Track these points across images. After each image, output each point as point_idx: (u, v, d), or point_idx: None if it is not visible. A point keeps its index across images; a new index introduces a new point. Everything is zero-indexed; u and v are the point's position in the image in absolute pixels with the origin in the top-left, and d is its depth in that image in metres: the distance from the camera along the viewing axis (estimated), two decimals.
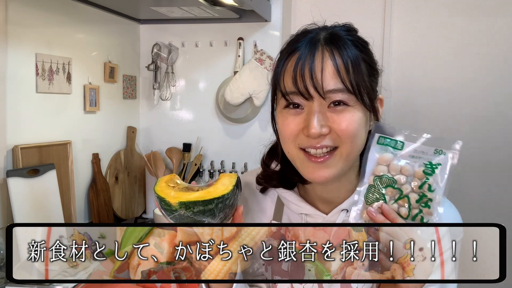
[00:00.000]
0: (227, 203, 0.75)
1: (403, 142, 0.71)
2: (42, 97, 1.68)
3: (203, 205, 0.73)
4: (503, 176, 1.98)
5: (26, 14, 1.60)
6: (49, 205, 1.63)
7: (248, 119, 2.19)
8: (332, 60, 0.77)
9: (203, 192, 0.74)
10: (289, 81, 0.79)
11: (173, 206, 0.73)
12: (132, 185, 2.23)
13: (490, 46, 1.97)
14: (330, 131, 0.78)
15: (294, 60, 0.79)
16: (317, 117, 0.77)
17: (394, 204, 0.70)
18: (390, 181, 0.70)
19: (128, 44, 2.23)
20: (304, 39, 0.81)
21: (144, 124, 2.36)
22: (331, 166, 0.79)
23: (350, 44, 0.80)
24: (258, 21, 2.14)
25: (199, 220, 0.73)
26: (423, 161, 0.70)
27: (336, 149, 0.79)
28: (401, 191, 0.70)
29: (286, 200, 0.93)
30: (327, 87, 0.76)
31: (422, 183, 0.69)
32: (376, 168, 0.71)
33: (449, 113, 2.03)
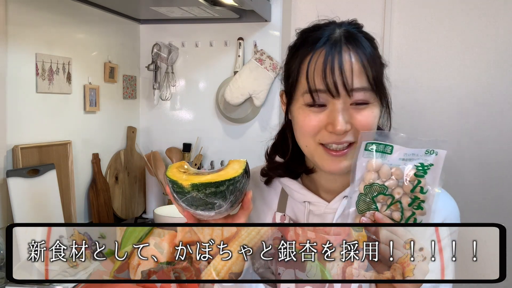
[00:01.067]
0: (237, 186, 0.76)
1: (392, 145, 0.70)
2: (42, 97, 1.68)
3: (214, 187, 0.74)
4: (503, 176, 1.98)
5: (26, 14, 1.60)
6: (49, 205, 1.63)
7: (248, 119, 2.19)
8: (356, 59, 0.80)
9: (215, 175, 0.76)
10: (318, 79, 0.80)
11: (186, 188, 0.74)
12: (132, 185, 2.23)
13: (490, 45, 1.97)
14: (351, 127, 0.81)
15: (321, 57, 0.80)
16: (342, 114, 0.79)
17: (386, 211, 0.69)
18: (381, 188, 0.69)
19: (128, 44, 2.23)
20: (322, 37, 0.82)
21: (144, 124, 2.36)
22: (349, 159, 0.82)
23: (366, 41, 0.83)
24: (258, 21, 2.14)
25: (211, 201, 0.75)
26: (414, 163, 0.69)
27: (354, 143, 0.82)
28: (393, 197, 0.69)
29: (290, 189, 0.94)
30: (354, 85, 0.79)
31: (414, 186, 0.68)
32: (366, 175, 0.70)
33: (449, 113, 2.03)
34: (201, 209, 0.76)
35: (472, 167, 2.00)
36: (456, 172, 1.99)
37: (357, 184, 0.71)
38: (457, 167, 2.00)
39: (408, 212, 0.69)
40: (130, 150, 2.22)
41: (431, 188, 0.68)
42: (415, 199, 0.68)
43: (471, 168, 2.00)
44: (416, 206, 0.68)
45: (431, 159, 0.69)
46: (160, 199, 2.23)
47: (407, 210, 0.69)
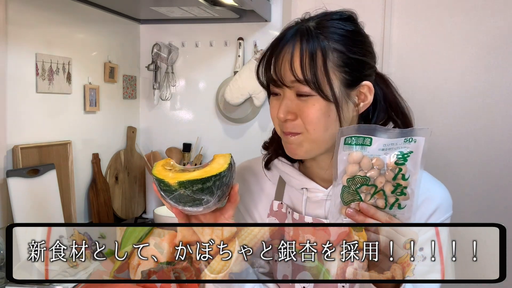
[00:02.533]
0: (223, 180, 0.77)
1: (371, 137, 0.71)
2: (42, 97, 1.68)
3: (201, 183, 0.75)
4: (503, 176, 1.98)
5: (26, 14, 1.60)
6: (49, 205, 1.63)
7: (248, 119, 2.19)
8: (290, 54, 0.84)
9: (201, 171, 0.77)
10: (263, 72, 0.89)
11: (173, 186, 0.75)
12: (132, 185, 2.23)
13: (491, 45, 1.97)
14: (296, 117, 0.85)
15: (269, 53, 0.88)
16: (284, 104, 0.85)
17: (370, 200, 0.70)
18: (363, 179, 0.70)
19: (128, 44, 2.23)
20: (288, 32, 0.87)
21: (144, 124, 2.36)
22: (298, 145, 0.87)
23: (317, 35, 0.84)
24: (258, 21, 2.14)
25: (199, 197, 0.76)
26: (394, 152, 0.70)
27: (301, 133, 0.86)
28: (376, 186, 0.70)
29: (288, 176, 0.96)
30: (287, 79, 0.84)
31: (396, 173, 0.69)
32: (348, 168, 0.71)
33: (449, 113, 2.03)
34: (189, 206, 0.77)
35: (472, 167, 2.00)
36: (456, 172, 1.99)
37: (340, 177, 0.72)
38: (457, 167, 2.00)
39: (392, 199, 0.70)
40: (130, 150, 2.22)
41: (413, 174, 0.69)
42: (398, 186, 0.69)
43: (471, 168, 2.00)
44: (399, 193, 0.69)
45: (410, 147, 0.70)
46: (160, 199, 2.22)
47: (391, 197, 0.70)
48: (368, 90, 0.88)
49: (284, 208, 0.97)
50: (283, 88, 0.86)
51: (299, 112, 0.84)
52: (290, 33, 0.86)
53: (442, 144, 2.03)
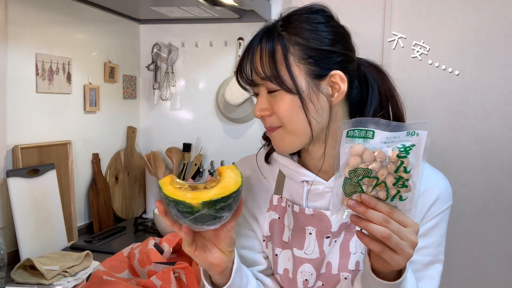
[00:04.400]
0: (239, 195, 0.78)
1: (373, 130, 0.71)
2: (42, 97, 1.68)
3: (223, 201, 0.74)
4: (503, 176, 1.98)
5: (26, 14, 1.60)
6: (49, 205, 1.63)
7: (248, 119, 2.19)
8: (251, 55, 0.88)
9: (219, 188, 0.76)
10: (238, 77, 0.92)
11: (195, 207, 0.72)
12: (132, 185, 2.23)
13: (491, 46, 1.96)
14: (272, 113, 0.88)
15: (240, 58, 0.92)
16: (258, 101, 0.89)
17: (372, 191, 0.71)
18: (365, 172, 0.70)
19: (128, 44, 2.23)
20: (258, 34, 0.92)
21: (144, 124, 2.36)
22: (279, 139, 0.90)
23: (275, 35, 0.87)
24: (258, 21, 2.14)
25: (220, 215, 0.75)
26: (396, 145, 0.70)
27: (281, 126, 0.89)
28: (377, 178, 0.70)
29: (287, 169, 0.96)
30: (254, 78, 0.89)
31: (398, 166, 0.69)
32: (350, 160, 0.71)
33: (449, 113, 2.03)
34: (207, 224, 0.75)
35: (473, 166, 2.00)
36: (456, 172, 1.99)
37: (342, 169, 0.72)
38: (458, 167, 2.00)
39: (393, 191, 0.70)
40: (130, 150, 2.22)
41: (415, 167, 0.70)
42: (399, 178, 0.69)
43: (472, 167, 2.00)
44: (401, 185, 0.70)
45: (412, 140, 0.70)
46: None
47: (392, 189, 0.70)
48: (340, 79, 0.88)
49: (284, 202, 0.97)
50: (257, 87, 0.90)
51: (273, 108, 0.87)
52: (256, 35, 0.91)
53: (442, 144, 2.03)
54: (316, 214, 0.92)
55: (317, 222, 0.92)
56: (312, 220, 0.92)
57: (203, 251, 0.82)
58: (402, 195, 0.70)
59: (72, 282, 1.38)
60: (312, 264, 0.93)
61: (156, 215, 1.81)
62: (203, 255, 0.82)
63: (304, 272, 0.93)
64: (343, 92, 0.88)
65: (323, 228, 0.92)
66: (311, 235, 0.92)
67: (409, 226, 0.71)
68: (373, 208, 0.70)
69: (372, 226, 0.69)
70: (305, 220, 0.93)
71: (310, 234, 0.92)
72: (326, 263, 0.92)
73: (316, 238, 0.92)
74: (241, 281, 0.89)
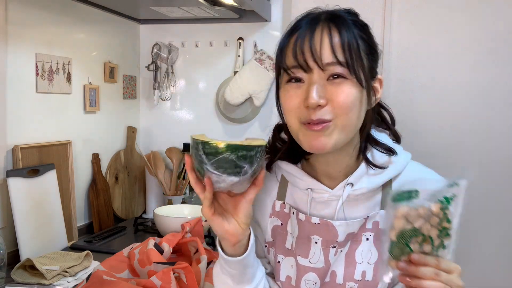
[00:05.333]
0: (262, 155, 0.79)
1: (417, 190, 0.72)
2: (42, 97, 1.68)
3: (246, 150, 0.76)
4: (503, 176, 1.98)
5: (26, 14, 1.60)
6: (49, 205, 1.63)
7: (248, 119, 2.19)
8: (329, 35, 0.81)
9: (243, 141, 0.78)
10: (290, 56, 0.83)
11: (220, 149, 0.75)
12: (132, 185, 2.23)
13: (491, 45, 1.96)
14: (327, 103, 0.81)
15: (295, 36, 0.84)
16: (316, 88, 0.80)
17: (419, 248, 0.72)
18: (412, 232, 0.71)
19: (128, 44, 2.23)
20: (305, 19, 0.86)
21: (144, 124, 2.36)
22: (328, 135, 0.82)
23: (350, 22, 0.84)
24: (258, 21, 2.14)
25: (240, 164, 0.77)
26: (438, 198, 0.71)
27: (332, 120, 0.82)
28: (423, 235, 0.71)
29: (292, 176, 0.94)
30: (325, 60, 0.80)
31: (441, 218, 0.70)
32: (395, 222, 0.72)
33: (449, 113, 2.03)
34: (228, 173, 0.77)
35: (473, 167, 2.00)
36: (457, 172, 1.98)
37: (387, 232, 0.73)
38: (458, 167, 2.00)
39: (437, 241, 0.71)
40: (130, 150, 2.22)
41: (455, 215, 0.71)
42: (443, 229, 0.70)
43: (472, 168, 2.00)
44: (444, 235, 0.71)
45: (453, 190, 0.71)
46: (160, 199, 2.23)
47: (436, 240, 0.71)
48: (380, 83, 0.89)
49: (287, 208, 0.96)
50: (311, 73, 0.81)
51: (331, 97, 0.80)
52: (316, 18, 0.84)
53: (442, 144, 2.03)
54: (323, 223, 0.90)
55: (324, 232, 0.90)
56: (318, 229, 0.90)
57: (221, 217, 0.83)
58: (445, 243, 0.71)
59: (72, 282, 1.38)
60: (317, 273, 0.91)
61: (156, 215, 1.81)
62: (220, 221, 0.83)
63: (308, 280, 0.92)
64: (379, 97, 0.88)
65: (329, 237, 0.90)
66: (316, 244, 0.91)
67: (454, 271, 0.72)
68: (422, 265, 0.71)
69: (424, 283, 0.70)
70: (311, 229, 0.91)
71: (315, 243, 0.91)
72: (330, 272, 0.91)
73: (321, 247, 0.91)
74: (254, 259, 0.90)
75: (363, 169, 0.90)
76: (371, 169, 0.90)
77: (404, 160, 0.92)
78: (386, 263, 0.73)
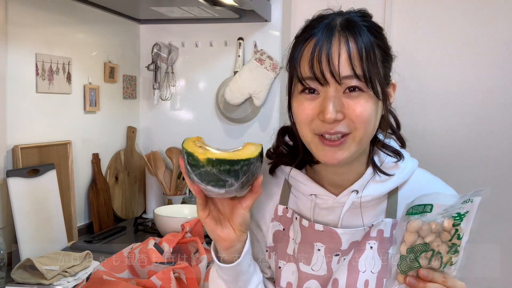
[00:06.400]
0: (250, 167, 0.76)
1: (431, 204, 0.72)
2: (42, 97, 1.68)
3: (229, 165, 0.73)
4: (503, 176, 1.98)
5: (26, 14, 1.60)
6: (49, 205, 1.63)
7: (248, 119, 2.19)
8: (347, 47, 0.77)
9: (230, 153, 0.76)
10: (306, 66, 0.79)
11: (201, 162, 0.74)
12: (132, 185, 2.23)
13: (491, 45, 1.97)
14: (344, 117, 0.78)
15: (311, 45, 0.79)
16: (332, 102, 0.77)
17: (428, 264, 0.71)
18: (423, 247, 0.70)
19: (128, 44, 2.23)
20: (320, 25, 0.81)
21: (144, 124, 2.36)
22: (345, 149, 0.80)
23: (365, 30, 0.80)
24: (258, 21, 2.14)
25: (223, 178, 0.74)
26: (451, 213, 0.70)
27: (350, 134, 0.80)
28: (433, 251, 0.70)
29: (296, 181, 0.92)
30: (342, 73, 0.77)
31: (452, 235, 0.69)
32: (407, 237, 0.71)
33: (449, 113, 2.03)
34: (212, 185, 0.76)
35: (473, 166, 2.00)
36: (456, 172, 1.99)
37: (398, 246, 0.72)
38: (458, 167, 2.00)
39: (445, 258, 0.71)
40: (130, 150, 2.22)
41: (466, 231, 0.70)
42: (453, 245, 0.70)
43: (472, 167, 2.00)
44: (454, 251, 0.70)
45: (467, 207, 0.70)
46: (160, 199, 2.23)
47: (445, 256, 0.70)
48: (393, 88, 0.87)
49: (290, 213, 0.94)
50: (327, 86, 0.78)
51: (348, 111, 0.78)
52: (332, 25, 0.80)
53: (441, 144, 2.03)
54: (327, 230, 0.88)
55: (327, 239, 0.88)
56: (321, 237, 0.89)
57: (215, 222, 0.82)
58: (453, 259, 0.70)
59: (72, 282, 1.38)
60: (319, 280, 0.90)
61: (156, 215, 1.81)
62: (214, 225, 0.82)
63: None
64: (392, 102, 0.86)
65: (333, 245, 0.88)
66: (319, 251, 0.89)
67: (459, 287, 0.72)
68: (430, 281, 0.70)
69: None
70: (314, 236, 0.89)
71: (318, 251, 0.89)
72: (332, 280, 0.89)
73: (324, 255, 0.89)
74: (249, 266, 0.87)
75: (369, 176, 0.88)
76: (377, 175, 0.88)
77: (411, 167, 0.90)
78: (394, 277, 0.73)
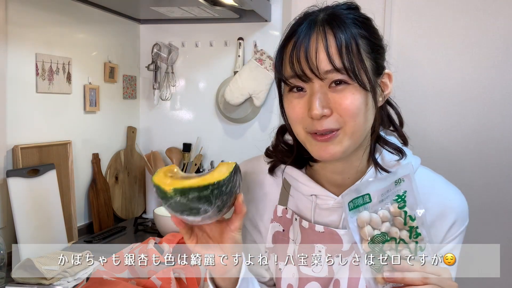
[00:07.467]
0: (223, 189, 0.72)
1: (368, 193, 0.72)
2: (42, 97, 1.68)
3: (198, 191, 0.70)
4: (503, 176, 1.98)
5: (26, 14, 1.60)
6: (49, 205, 1.63)
7: (248, 119, 2.19)
8: (325, 41, 0.76)
9: (199, 179, 0.72)
10: (287, 66, 0.79)
11: (168, 193, 0.71)
12: (132, 185, 2.23)
13: (491, 46, 1.97)
14: (332, 112, 0.77)
15: (292, 44, 0.79)
16: (318, 98, 0.77)
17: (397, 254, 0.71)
18: (382, 237, 0.70)
19: (128, 44, 2.23)
20: (304, 23, 0.80)
21: (144, 124, 2.36)
22: (336, 143, 0.79)
23: (349, 22, 0.79)
24: (258, 21, 2.14)
25: (195, 207, 0.71)
26: (392, 198, 0.70)
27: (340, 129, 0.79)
28: (394, 239, 0.70)
29: (295, 181, 0.91)
30: (322, 69, 0.76)
31: (404, 218, 0.70)
32: (362, 232, 0.71)
33: (449, 113, 2.03)
34: (186, 214, 0.72)
35: (473, 167, 2.00)
36: (457, 172, 1.99)
37: (360, 246, 0.72)
38: (458, 167, 2.00)
39: (412, 244, 0.71)
40: (130, 150, 2.22)
41: (415, 209, 0.70)
42: (411, 228, 0.70)
43: (472, 168, 2.00)
44: (415, 234, 0.70)
45: (403, 187, 0.71)
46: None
47: (411, 243, 0.71)
48: (388, 77, 0.85)
49: (289, 213, 0.92)
50: (311, 82, 0.78)
51: (335, 105, 0.77)
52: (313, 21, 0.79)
53: (441, 144, 2.03)
54: (327, 231, 0.86)
55: (328, 240, 0.87)
56: (322, 238, 0.87)
57: (205, 248, 0.78)
58: (421, 245, 0.71)
59: (72, 282, 1.38)
60: (320, 282, 0.88)
61: (156, 215, 1.81)
62: (203, 252, 0.78)
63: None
64: (390, 92, 0.84)
65: (334, 246, 0.86)
66: (320, 252, 0.87)
67: (443, 273, 0.71)
68: (407, 271, 0.70)
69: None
70: (315, 237, 0.88)
71: (319, 252, 0.87)
72: (334, 282, 0.88)
73: (325, 256, 0.87)
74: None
75: (371, 175, 0.86)
76: (379, 174, 0.85)
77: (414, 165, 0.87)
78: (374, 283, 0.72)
